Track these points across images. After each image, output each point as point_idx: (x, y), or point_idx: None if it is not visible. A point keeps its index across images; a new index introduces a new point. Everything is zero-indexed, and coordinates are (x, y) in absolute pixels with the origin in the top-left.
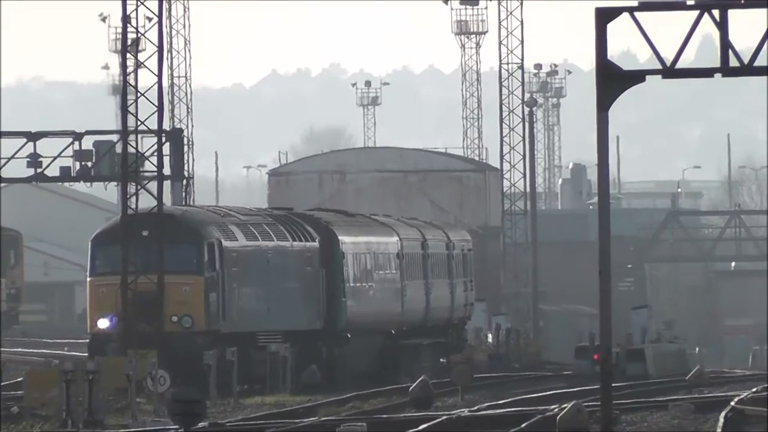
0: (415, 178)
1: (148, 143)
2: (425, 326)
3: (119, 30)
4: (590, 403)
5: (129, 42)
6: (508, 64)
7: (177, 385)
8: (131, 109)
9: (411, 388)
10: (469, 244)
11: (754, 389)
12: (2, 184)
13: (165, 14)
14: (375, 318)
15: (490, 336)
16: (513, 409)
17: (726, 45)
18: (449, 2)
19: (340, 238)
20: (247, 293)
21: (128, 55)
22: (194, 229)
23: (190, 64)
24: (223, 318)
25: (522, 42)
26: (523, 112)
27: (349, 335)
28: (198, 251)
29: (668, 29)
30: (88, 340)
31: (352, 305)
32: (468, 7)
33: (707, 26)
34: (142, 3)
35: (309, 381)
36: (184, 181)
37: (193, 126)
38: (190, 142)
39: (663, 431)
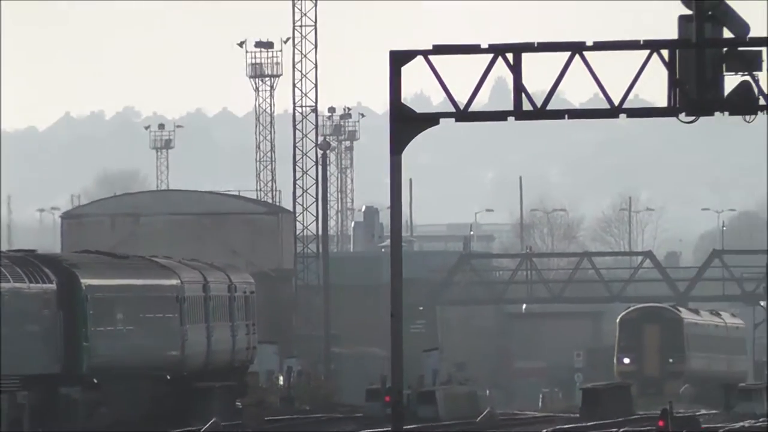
0: (209, 221)
1: None
2: (207, 370)
3: None
4: None
5: None
6: (302, 107)
7: None
8: None
9: (202, 430)
10: (252, 286)
11: (543, 431)
12: None
13: None
14: (141, 362)
15: (281, 378)
16: None
17: (519, 89)
18: (244, 45)
19: (82, 280)
20: None
21: None
22: None
23: None
24: None
25: (316, 85)
26: (316, 154)
27: (95, 380)
28: None
29: (462, 73)
30: None
31: (101, 349)
32: (263, 50)
33: (501, 70)
34: None
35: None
36: None
37: None
38: None
39: None
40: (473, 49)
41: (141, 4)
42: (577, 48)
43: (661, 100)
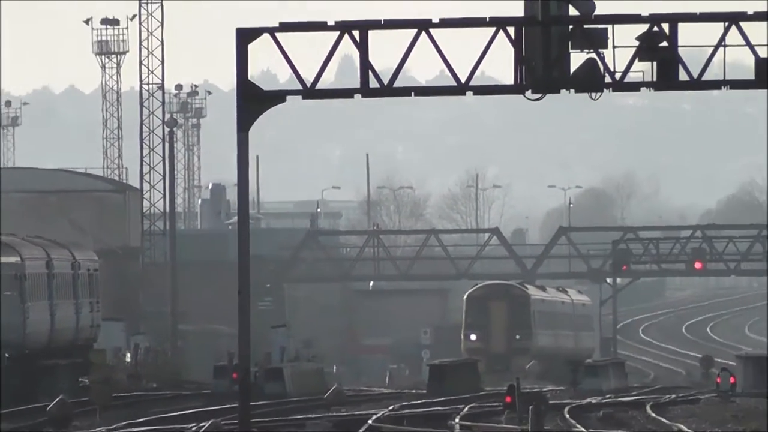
0: (56, 199)
1: None
2: (50, 347)
3: None
4: (228, 422)
5: None
6: (148, 84)
7: None
8: None
9: (49, 407)
10: (96, 264)
11: (390, 407)
12: None
13: None
14: None
15: (128, 355)
16: (151, 428)
17: (366, 66)
18: (90, 22)
19: None
20: None
21: None
22: None
23: None
24: None
25: (162, 62)
26: (163, 132)
27: None
28: None
29: (309, 50)
30: None
31: None
32: (109, 27)
33: (347, 47)
34: None
35: None
36: None
37: None
38: None
39: None
40: (320, 26)
41: None
42: (423, 25)
43: (508, 78)
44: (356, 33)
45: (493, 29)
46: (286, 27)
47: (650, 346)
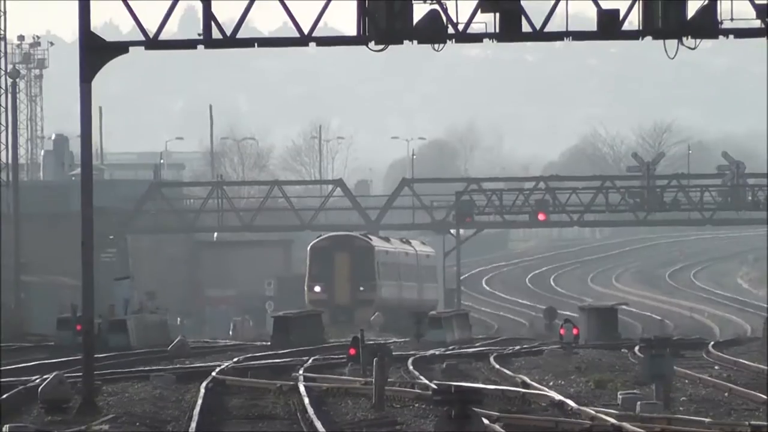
0: None
1: None
2: None
3: None
4: (72, 374)
5: None
6: None
7: None
8: None
9: None
10: None
11: (234, 359)
12: None
13: None
14: None
15: None
16: None
17: (208, 17)
18: None
19: None
20: None
21: None
22: None
23: None
24: None
25: (4, 13)
26: (6, 83)
27: None
28: None
29: (152, 1)
30: None
31: None
32: None
33: None
34: None
35: None
36: None
37: None
38: None
39: (144, 400)
40: None
41: None
42: None
43: (351, 29)
44: None
45: None
46: None
47: (494, 298)
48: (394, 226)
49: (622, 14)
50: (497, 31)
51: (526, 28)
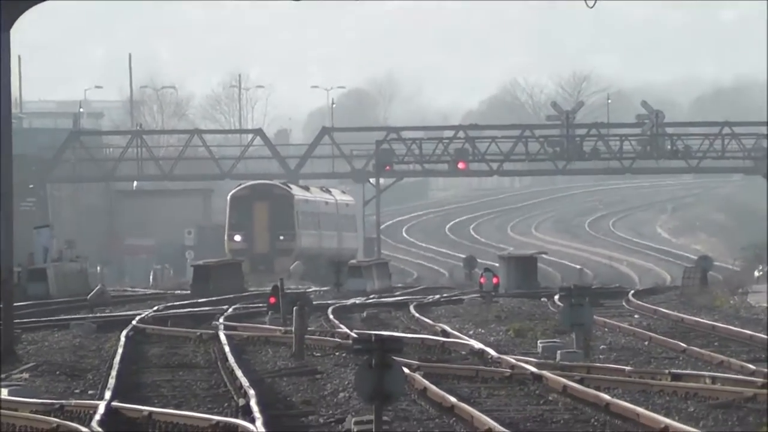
0: None
1: None
2: None
3: None
4: None
5: None
6: None
7: None
8: None
9: None
10: None
11: (154, 308)
12: None
13: None
14: None
15: None
16: None
17: None
18: None
19: None
20: None
21: None
22: None
23: None
24: None
25: None
26: None
27: None
28: None
29: None
30: None
31: None
32: None
33: None
34: None
35: None
36: None
37: None
38: None
39: (64, 349)
40: None
41: None
42: None
43: None
44: None
45: None
46: None
47: (414, 247)
48: (314, 175)
49: None
50: None
51: None
